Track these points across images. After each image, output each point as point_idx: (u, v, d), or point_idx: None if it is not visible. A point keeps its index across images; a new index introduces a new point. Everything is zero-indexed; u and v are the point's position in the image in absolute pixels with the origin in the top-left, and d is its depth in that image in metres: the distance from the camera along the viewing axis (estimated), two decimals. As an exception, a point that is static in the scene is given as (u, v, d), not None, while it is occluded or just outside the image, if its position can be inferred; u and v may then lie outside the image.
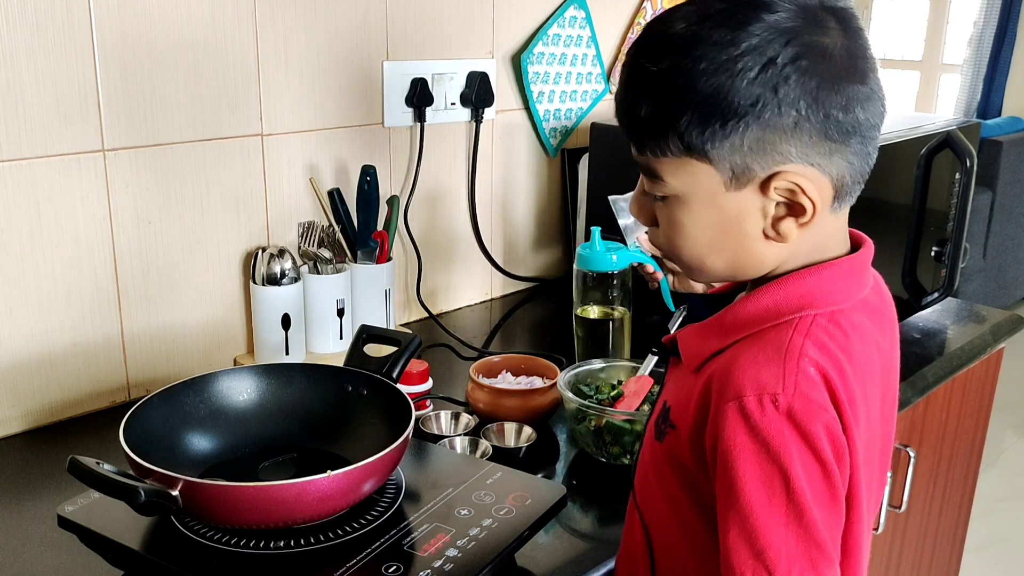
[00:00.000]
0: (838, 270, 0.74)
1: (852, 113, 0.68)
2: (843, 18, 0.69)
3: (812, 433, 0.66)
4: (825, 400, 0.67)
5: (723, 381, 0.69)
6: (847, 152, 0.70)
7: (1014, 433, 3.32)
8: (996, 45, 4.82)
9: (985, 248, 4.12)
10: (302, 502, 0.83)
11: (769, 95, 0.66)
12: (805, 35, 0.66)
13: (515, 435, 1.15)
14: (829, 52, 0.67)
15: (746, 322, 0.73)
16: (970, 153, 1.41)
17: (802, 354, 0.68)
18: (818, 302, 0.72)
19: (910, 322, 1.62)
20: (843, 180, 0.71)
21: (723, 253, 0.74)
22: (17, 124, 1.10)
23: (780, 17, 0.66)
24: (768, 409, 0.66)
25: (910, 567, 1.70)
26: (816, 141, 0.68)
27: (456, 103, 1.58)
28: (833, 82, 0.67)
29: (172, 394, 0.99)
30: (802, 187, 0.69)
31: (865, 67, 0.69)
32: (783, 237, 0.71)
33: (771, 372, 0.68)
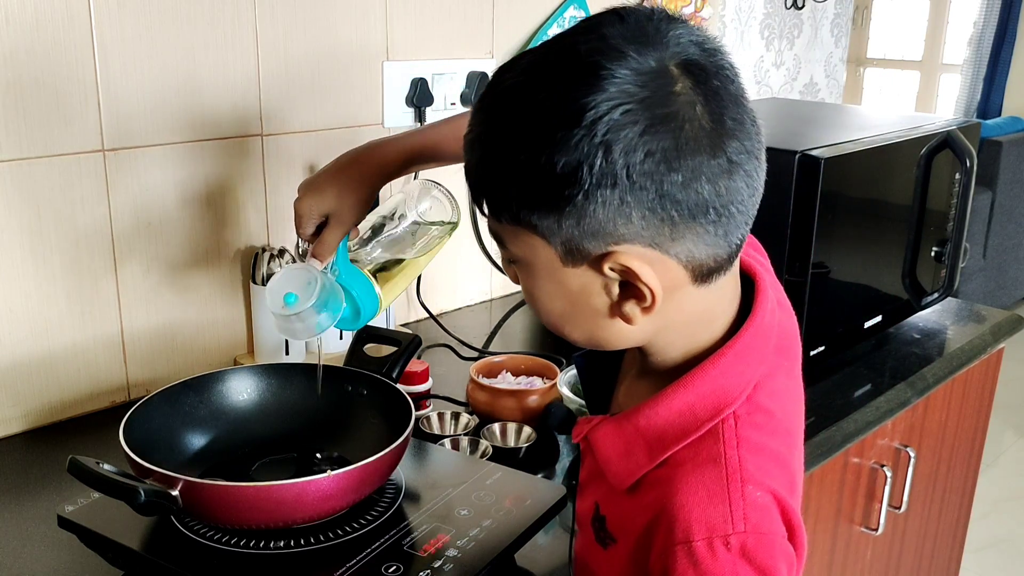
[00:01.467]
0: (741, 346, 0.66)
1: (694, 189, 0.59)
2: (701, 77, 0.59)
3: (768, 566, 0.62)
4: (778, 525, 0.63)
5: (669, 518, 0.63)
6: (697, 231, 0.60)
7: (1014, 433, 3.32)
8: (996, 45, 4.82)
9: (985, 248, 4.12)
10: (302, 502, 0.83)
11: (590, 172, 0.57)
12: (640, 104, 0.57)
13: (515, 435, 1.15)
14: (670, 123, 0.57)
15: (666, 434, 0.66)
16: (970, 153, 1.41)
17: (744, 480, 0.63)
18: (731, 395, 0.65)
19: (910, 322, 1.62)
20: (697, 260, 0.62)
21: (577, 326, 0.67)
22: (17, 124, 1.10)
23: (615, 83, 0.57)
24: (719, 552, 0.61)
25: (910, 567, 1.70)
26: (651, 222, 0.59)
27: (456, 103, 1.58)
28: (668, 159, 0.57)
29: (172, 394, 0.99)
30: (635, 271, 0.61)
31: (720, 133, 0.59)
32: (629, 319, 0.64)
33: (717, 511, 0.62)
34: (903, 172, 1.45)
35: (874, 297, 1.48)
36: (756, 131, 0.63)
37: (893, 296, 1.52)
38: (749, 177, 0.62)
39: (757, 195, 0.64)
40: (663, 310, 0.63)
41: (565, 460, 1.16)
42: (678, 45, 0.60)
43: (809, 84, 4.71)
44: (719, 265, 0.64)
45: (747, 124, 0.61)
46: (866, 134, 1.45)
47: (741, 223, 0.63)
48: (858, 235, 1.41)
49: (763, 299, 0.69)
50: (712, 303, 0.67)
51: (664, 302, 0.63)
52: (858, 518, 1.45)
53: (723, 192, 0.60)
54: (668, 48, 0.59)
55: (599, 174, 0.57)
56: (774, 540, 0.63)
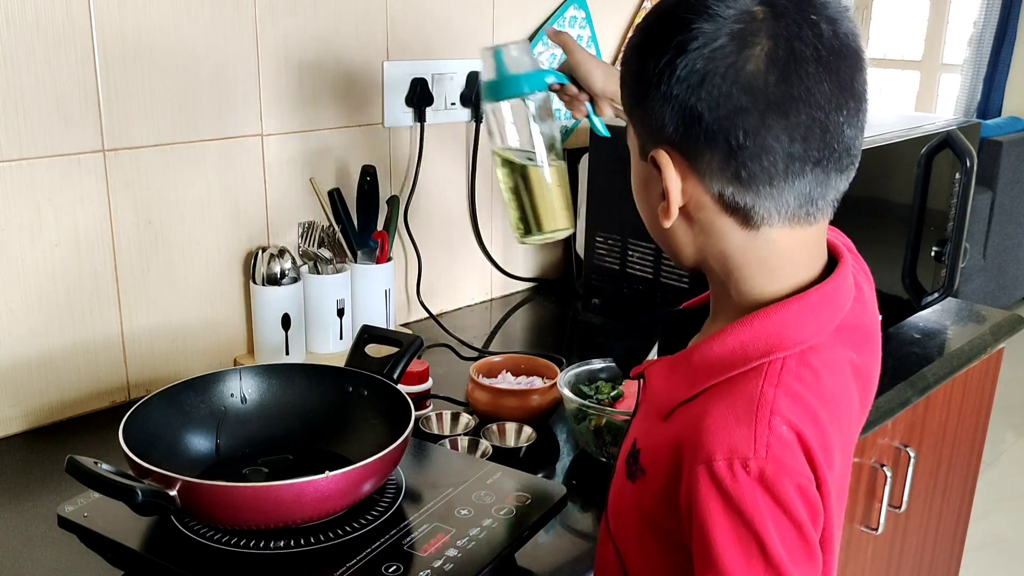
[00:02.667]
0: (807, 303, 0.70)
1: (716, 114, 0.65)
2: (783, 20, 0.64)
3: (785, 498, 0.63)
4: (798, 461, 0.65)
5: (694, 440, 0.66)
6: (714, 157, 0.66)
7: (1014, 433, 3.32)
8: (996, 45, 4.82)
9: (985, 248, 4.12)
10: (301, 502, 0.83)
11: (659, 78, 0.66)
12: (710, 37, 0.64)
13: (515, 435, 1.15)
14: (724, 56, 0.64)
15: (713, 367, 0.70)
16: (970, 153, 1.41)
17: (773, 411, 0.65)
18: (787, 342, 0.68)
19: (910, 322, 1.62)
20: (720, 189, 0.68)
21: (652, 222, 0.75)
22: (17, 124, 1.10)
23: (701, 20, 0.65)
24: (739, 474, 0.63)
25: (910, 567, 1.70)
26: (679, 130, 0.67)
27: (456, 103, 1.58)
28: (710, 83, 0.64)
29: (172, 394, 0.99)
30: (660, 165, 0.69)
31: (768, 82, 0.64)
32: (662, 215, 0.71)
33: (741, 433, 0.64)
34: (903, 172, 1.45)
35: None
36: (834, 105, 0.66)
37: (893, 296, 1.52)
38: (789, 135, 0.65)
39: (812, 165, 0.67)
40: (704, 229, 0.70)
41: (565, 460, 1.16)
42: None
43: (809, 84, 4.71)
44: (753, 210, 0.68)
45: (819, 90, 0.65)
46: (866, 134, 1.45)
47: (774, 177, 0.66)
48: (858, 235, 1.41)
49: (840, 273, 0.72)
50: (766, 254, 0.70)
51: (702, 221, 0.70)
52: (858, 517, 1.45)
53: (748, 131, 0.65)
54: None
55: (664, 80, 0.66)
56: (794, 475, 0.64)
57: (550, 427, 1.22)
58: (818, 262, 0.73)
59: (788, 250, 0.71)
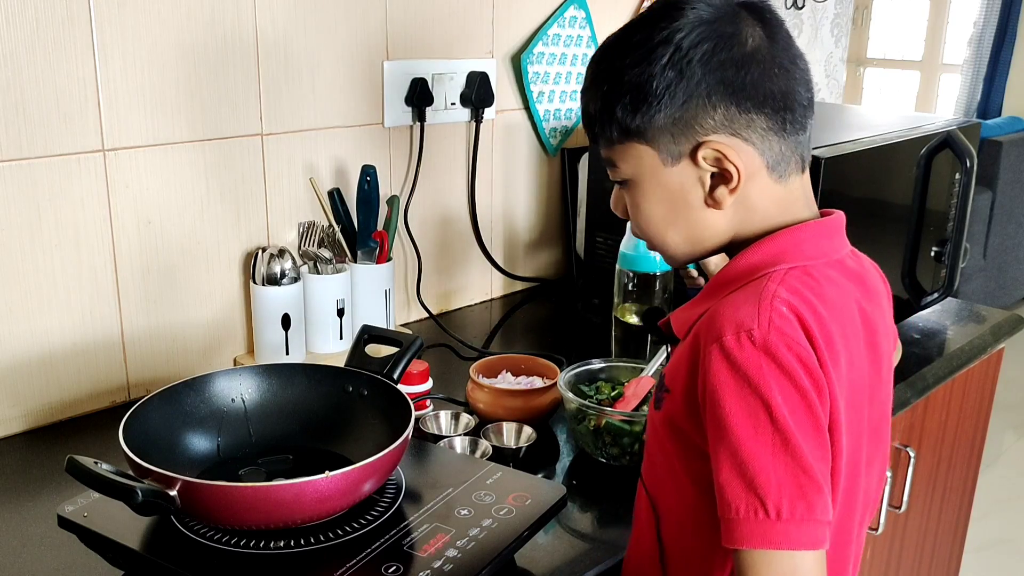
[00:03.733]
0: (808, 231, 0.80)
1: (762, 85, 0.76)
2: (758, 14, 0.78)
3: (788, 364, 0.70)
4: (799, 335, 0.72)
5: (707, 328, 0.75)
6: (766, 122, 0.77)
7: (1014, 433, 3.32)
8: (996, 45, 4.82)
9: (985, 248, 4.12)
10: (300, 503, 0.83)
11: (678, 77, 0.76)
12: (714, 25, 0.76)
13: (515, 435, 1.15)
14: (737, 38, 0.76)
15: (727, 282, 0.80)
16: (970, 153, 1.41)
17: (775, 296, 0.74)
18: (790, 256, 0.78)
19: (910, 322, 1.62)
20: (771, 149, 0.78)
21: (678, 228, 0.82)
22: (17, 124, 1.10)
23: (692, 15, 0.76)
24: (745, 344, 0.71)
25: (910, 567, 1.70)
26: (731, 113, 0.76)
27: (456, 103, 1.58)
28: (740, 62, 0.76)
29: (172, 394, 0.99)
30: (724, 154, 0.77)
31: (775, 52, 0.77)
32: (719, 203, 0.79)
33: (747, 311, 0.73)
34: (903, 172, 1.45)
35: (874, 297, 1.48)
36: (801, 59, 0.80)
37: (893, 296, 1.52)
38: (800, 86, 0.79)
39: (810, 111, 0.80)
40: (746, 195, 0.79)
41: (565, 460, 1.16)
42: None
43: (809, 84, 4.70)
44: (786, 158, 0.79)
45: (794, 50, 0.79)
46: (866, 134, 1.45)
47: (800, 126, 0.79)
48: (858, 235, 1.41)
49: (837, 217, 0.84)
50: (787, 199, 0.81)
51: (747, 190, 0.79)
52: (858, 518, 1.44)
53: (782, 90, 0.77)
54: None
55: (686, 76, 0.75)
56: (794, 344, 0.71)
57: (550, 427, 1.22)
58: (813, 206, 0.84)
59: (798, 197, 0.82)
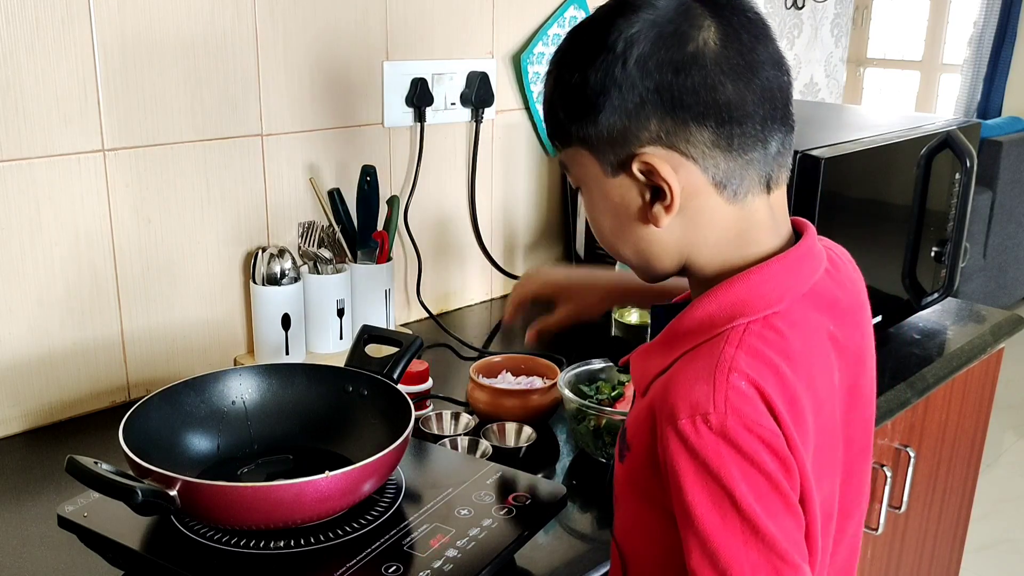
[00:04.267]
0: (769, 272, 0.72)
1: (701, 96, 0.68)
2: (718, 11, 0.70)
3: (749, 449, 0.65)
4: (760, 414, 0.66)
5: (661, 402, 0.69)
6: (706, 135, 0.69)
7: (1014, 433, 3.32)
8: (996, 45, 4.82)
9: (985, 248, 4.12)
10: (301, 502, 0.83)
11: (611, 83, 0.69)
12: (660, 26, 0.69)
13: (515, 435, 1.15)
14: (685, 40, 0.68)
15: (683, 338, 0.73)
16: (970, 153, 1.41)
17: (732, 368, 0.67)
18: (750, 308, 0.71)
19: (910, 322, 1.62)
20: (717, 166, 0.70)
21: (625, 240, 0.76)
22: (17, 124, 1.10)
23: (643, 15, 0.69)
24: (702, 430, 0.65)
25: (910, 567, 1.70)
26: (669, 125, 0.69)
27: (456, 103, 1.58)
28: (683, 67, 0.68)
29: (172, 394, 0.99)
30: (656, 168, 0.70)
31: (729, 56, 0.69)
32: (656, 221, 0.72)
33: (701, 390, 0.67)
34: (903, 172, 1.45)
35: (874, 297, 1.48)
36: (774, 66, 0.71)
37: (893, 296, 1.52)
38: (758, 100, 0.70)
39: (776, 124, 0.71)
40: (692, 217, 0.72)
41: (565, 460, 1.16)
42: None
43: (809, 84, 4.70)
44: (739, 180, 0.71)
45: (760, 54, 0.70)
46: (866, 134, 1.45)
47: (755, 141, 0.70)
48: (858, 235, 1.41)
49: (805, 243, 0.76)
50: (745, 224, 0.73)
51: (692, 209, 0.71)
52: (858, 518, 1.44)
53: (729, 100, 0.69)
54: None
55: (619, 82, 0.69)
56: (755, 426, 0.65)
57: (550, 427, 1.22)
58: (784, 228, 0.77)
59: (761, 218, 0.74)
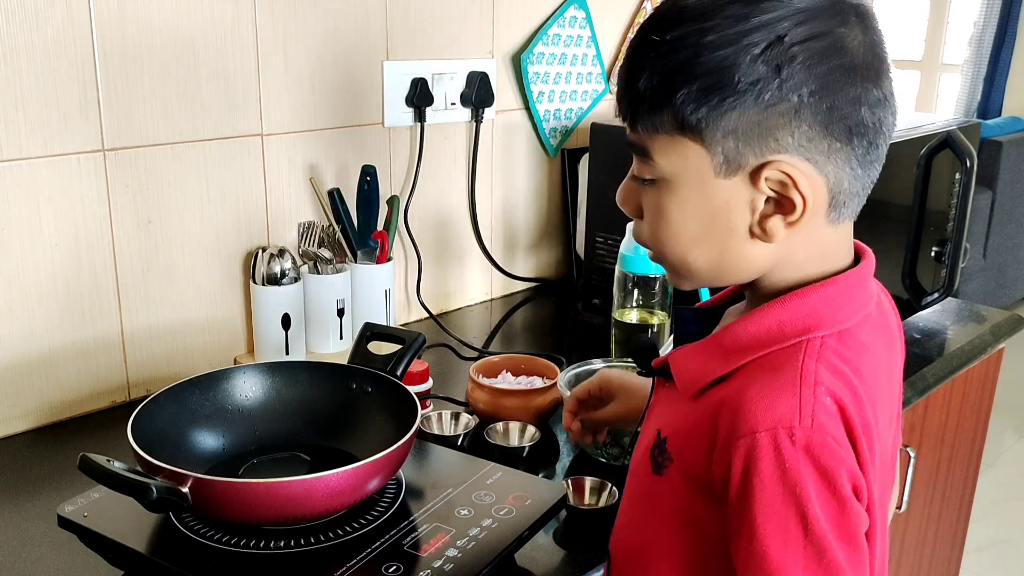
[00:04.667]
0: (842, 286, 0.69)
1: (859, 112, 0.64)
2: (864, 15, 0.66)
3: (831, 469, 0.62)
4: (841, 432, 0.63)
5: (734, 413, 0.64)
6: (848, 153, 0.65)
7: (1014, 433, 3.32)
8: (996, 45, 4.82)
9: (985, 248, 4.12)
10: (311, 498, 0.83)
11: (772, 75, 0.62)
12: (821, 20, 0.63)
13: (518, 435, 1.15)
14: (844, 43, 0.63)
15: (749, 345, 0.68)
16: (970, 153, 1.41)
17: (818, 382, 0.64)
18: (825, 322, 0.67)
19: (910, 322, 1.62)
20: (840, 185, 0.66)
21: (707, 249, 0.69)
22: (17, 124, 1.10)
23: (808, 9, 0.63)
24: (784, 445, 0.62)
25: (910, 568, 1.70)
26: (816, 134, 0.64)
27: (456, 103, 1.58)
28: (844, 74, 0.63)
29: (178, 392, 0.99)
30: (794, 180, 0.65)
31: (880, 69, 0.66)
32: (769, 236, 0.67)
33: (786, 403, 0.63)
34: (903, 172, 1.45)
35: (874, 297, 1.48)
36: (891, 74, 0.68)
37: (893, 296, 1.52)
38: (893, 114, 0.68)
39: (891, 134, 0.69)
40: (792, 234, 0.67)
41: (565, 460, 1.16)
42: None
43: (809, 84, 4.70)
44: (853, 197, 0.68)
45: (890, 66, 0.68)
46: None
47: (879, 157, 0.68)
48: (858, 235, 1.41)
49: (869, 263, 0.73)
50: (832, 247, 0.71)
51: (801, 226, 0.67)
52: (858, 518, 1.44)
53: (877, 121, 0.66)
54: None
55: (783, 78, 0.62)
56: (838, 446, 0.62)
57: (550, 427, 1.22)
58: (851, 252, 0.74)
59: (844, 240, 0.72)
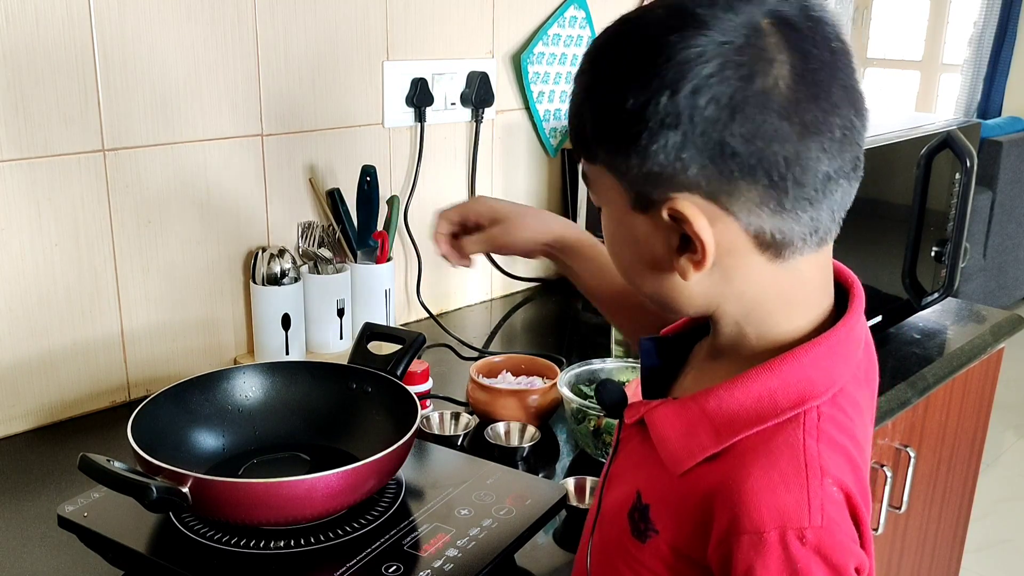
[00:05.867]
0: (834, 342, 0.64)
1: (756, 146, 0.58)
2: (793, 37, 0.58)
3: (842, 566, 0.58)
4: (850, 524, 0.60)
5: (734, 506, 0.60)
6: (756, 192, 0.59)
7: (1014, 433, 3.32)
8: (996, 45, 4.82)
9: (985, 248, 4.12)
10: (312, 498, 0.84)
11: (655, 113, 0.58)
12: (717, 51, 0.57)
13: (518, 435, 1.15)
14: (741, 70, 0.57)
15: (739, 417, 0.63)
16: (970, 153, 1.41)
17: (823, 471, 0.59)
18: (819, 388, 0.62)
19: (910, 322, 1.62)
20: (759, 226, 0.60)
21: (644, 279, 0.67)
22: (17, 124, 1.10)
23: (700, 32, 0.57)
24: (794, 546, 0.57)
25: (910, 568, 1.70)
26: (709, 171, 0.59)
27: (456, 103, 1.58)
28: (734, 105, 0.57)
29: (177, 392, 1.00)
30: (688, 218, 0.60)
31: (799, 99, 0.58)
32: (683, 274, 0.63)
33: (793, 499, 0.58)
34: (903, 172, 1.45)
35: (874, 297, 1.48)
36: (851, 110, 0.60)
37: (893, 296, 1.52)
38: (827, 153, 0.59)
39: (843, 178, 0.61)
40: (726, 273, 0.63)
41: (565, 460, 1.16)
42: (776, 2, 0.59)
43: (809, 84, 4.70)
44: (787, 240, 0.61)
45: (837, 97, 0.59)
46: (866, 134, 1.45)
47: (814, 199, 0.60)
48: (858, 235, 1.41)
49: (858, 306, 0.67)
50: (789, 286, 0.64)
51: (726, 266, 0.62)
52: (858, 518, 1.44)
53: (789, 158, 0.58)
54: (764, 4, 0.59)
55: (663, 113, 0.58)
56: (848, 539, 0.59)
57: (550, 427, 1.22)
58: (829, 286, 0.68)
59: (810, 279, 0.65)
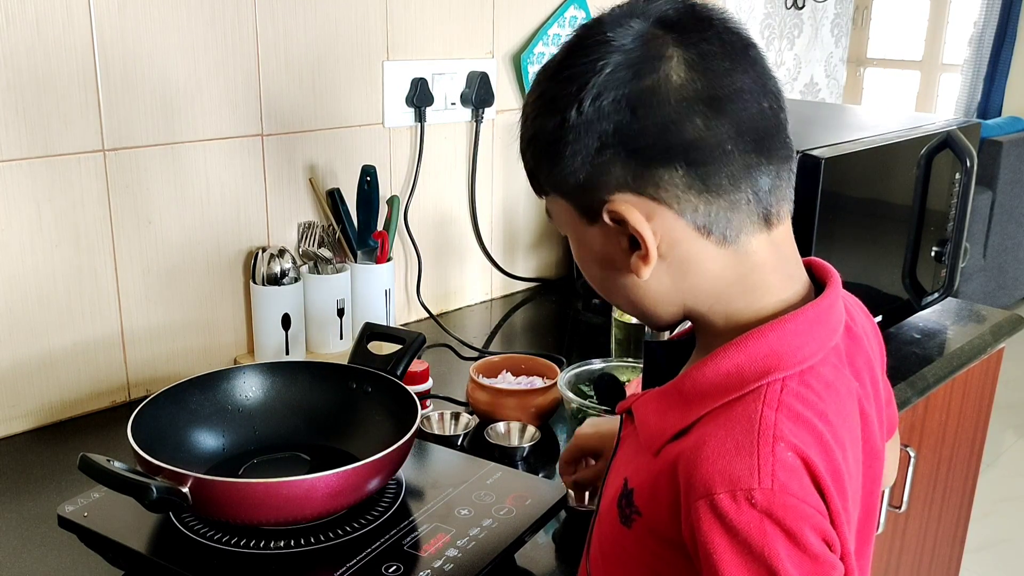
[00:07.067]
0: (802, 320, 0.66)
1: (662, 134, 0.62)
2: (682, 32, 0.64)
3: (796, 529, 0.58)
4: (807, 490, 0.60)
5: (690, 473, 0.61)
6: (676, 178, 0.63)
7: (1014, 433, 3.32)
8: (996, 45, 4.82)
9: (985, 248, 4.12)
10: (311, 498, 0.84)
11: (569, 127, 0.64)
12: (611, 57, 0.63)
13: (518, 435, 1.15)
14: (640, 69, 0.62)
15: (707, 393, 0.65)
16: (970, 153, 1.41)
17: (776, 437, 0.60)
18: (785, 362, 0.64)
19: (910, 322, 1.62)
20: (694, 209, 0.64)
21: (616, 291, 0.70)
22: (17, 124, 1.10)
23: (597, 52, 0.63)
24: (744, 507, 0.58)
25: (910, 568, 1.70)
26: (628, 167, 0.63)
27: (456, 103, 1.58)
28: (633, 100, 0.62)
29: (177, 392, 1.00)
30: (624, 216, 0.64)
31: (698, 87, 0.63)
32: (636, 271, 0.66)
33: (743, 463, 0.59)
34: (903, 172, 1.45)
35: (874, 297, 1.48)
36: (759, 93, 0.65)
37: (893, 296, 1.52)
38: (737, 134, 0.63)
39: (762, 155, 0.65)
40: (679, 265, 0.66)
41: (565, 460, 1.16)
42: (658, 9, 0.65)
43: (809, 84, 4.71)
44: (724, 218, 0.64)
45: (741, 82, 0.64)
46: (866, 134, 1.45)
47: (735, 180, 0.64)
48: (858, 235, 1.41)
49: (833, 291, 0.69)
50: (746, 270, 0.67)
51: (678, 259, 0.66)
52: (858, 518, 1.44)
53: (697, 141, 0.62)
54: (650, 14, 0.65)
55: (576, 124, 0.64)
56: (802, 505, 0.59)
57: (550, 427, 1.22)
58: (798, 272, 0.70)
59: (765, 260, 0.67)
